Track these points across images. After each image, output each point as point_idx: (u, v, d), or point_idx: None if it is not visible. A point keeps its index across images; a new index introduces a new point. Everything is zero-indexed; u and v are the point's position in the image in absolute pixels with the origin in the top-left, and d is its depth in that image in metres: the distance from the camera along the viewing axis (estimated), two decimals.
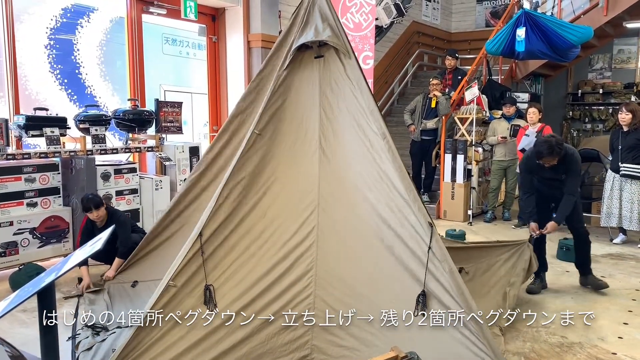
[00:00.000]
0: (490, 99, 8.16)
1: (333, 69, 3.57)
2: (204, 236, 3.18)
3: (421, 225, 3.11)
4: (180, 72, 7.81)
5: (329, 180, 3.49)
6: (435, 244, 3.05)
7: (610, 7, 8.14)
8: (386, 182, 3.28)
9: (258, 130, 3.45)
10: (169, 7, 6.98)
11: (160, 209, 5.92)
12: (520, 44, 7.40)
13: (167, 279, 3.05)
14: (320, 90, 3.57)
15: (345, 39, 3.56)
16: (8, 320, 3.98)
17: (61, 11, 6.11)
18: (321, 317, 3.27)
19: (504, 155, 7.34)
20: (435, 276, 3.04)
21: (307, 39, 3.48)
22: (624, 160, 5.89)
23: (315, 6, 3.60)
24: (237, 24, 7.59)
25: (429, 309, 3.02)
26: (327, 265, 3.38)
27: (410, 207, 3.16)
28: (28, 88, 5.83)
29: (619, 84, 10.70)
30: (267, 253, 3.34)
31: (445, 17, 12.69)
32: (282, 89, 3.55)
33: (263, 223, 3.39)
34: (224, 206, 3.30)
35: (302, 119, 3.57)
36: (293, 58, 3.54)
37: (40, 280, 2.38)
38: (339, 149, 3.51)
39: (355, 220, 3.40)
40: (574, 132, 11.14)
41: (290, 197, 3.48)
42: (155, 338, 2.93)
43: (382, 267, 3.26)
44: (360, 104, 3.43)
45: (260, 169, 3.45)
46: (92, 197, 4.71)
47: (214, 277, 3.18)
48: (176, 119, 6.44)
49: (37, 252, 5.09)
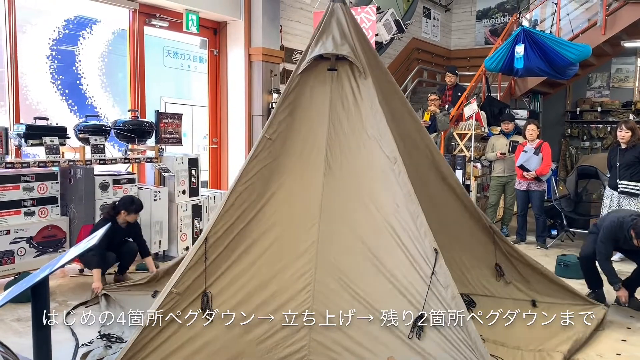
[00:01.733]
0: (489, 116, 8.20)
1: (345, 85, 3.57)
2: (209, 242, 3.16)
3: (425, 250, 3.07)
4: (181, 84, 7.85)
5: (333, 196, 3.48)
6: (439, 270, 2.99)
7: (608, 27, 8.22)
8: (392, 206, 3.25)
9: (269, 135, 3.45)
10: (171, 20, 7.04)
11: (159, 219, 5.92)
12: (519, 61, 7.47)
13: (171, 285, 3.04)
14: (330, 104, 3.57)
15: (363, 59, 3.54)
16: (2, 329, 3.97)
17: (64, 22, 6.16)
18: (319, 331, 3.25)
19: (502, 171, 7.35)
20: (437, 301, 2.98)
21: (326, 49, 3.47)
22: (622, 177, 5.90)
23: (333, 18, 3.60)
24: (238, 37, 7.65)
25: (426, 333, 2.96)
26: (325, 281, 3.36)
27: (417, 232, 3.12)
28: (29, 98, 5.85)
29: (617, 103, 10.76)
30: (266, 263, 3.32)
31: (444, 34, 12.80)
32: (293, 96, 3.55)
33: (265, 231, 3.38)
34: (231, 211, 3.29)
35: (310, 129, 3.57)
36: (308, 66, 3.52)
37: (34, 276, 2.37)
38: (346, 165, 3.50)
39: (356, 239, 3.38)
40: (573, 149, 11.17)
41: (293, 208, 3.47)
42: (155, 344, 2.92)
43: (379, 288, 3.22)
44: (372, 126, 3.41)
45: (268, 175, 3.44)
46: (140, 201, 5.15)
47: (214, 283, 3.16)
48: (176, 131, 6.45)
49: (33, 261, 5.06)
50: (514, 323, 3.87)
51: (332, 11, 3.62)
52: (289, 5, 8.16)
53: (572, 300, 4.25)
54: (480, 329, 3.72)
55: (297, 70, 3.59)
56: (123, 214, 4.95)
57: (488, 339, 3.62)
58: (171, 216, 6.05)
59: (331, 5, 3.64)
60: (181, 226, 6.10)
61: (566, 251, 6.44)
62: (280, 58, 7.88)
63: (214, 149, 7.93)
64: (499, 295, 4.18)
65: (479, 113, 7.75)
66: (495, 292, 4.21)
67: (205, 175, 7.53)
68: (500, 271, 4.24)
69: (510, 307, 4.03)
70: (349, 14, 3.66)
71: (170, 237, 6.07)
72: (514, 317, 3.92)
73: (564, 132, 11.27)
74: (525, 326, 3.85)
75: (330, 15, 3.61)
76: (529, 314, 3.96)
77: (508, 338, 3.69)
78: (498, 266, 4.25)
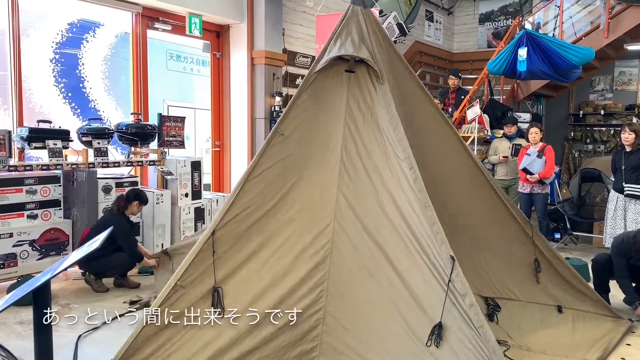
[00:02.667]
0: (492, 119, 8.19)
1: (363, 87, 3.54)
2: (216, 234, 3.15)
3: (442, 257, 3.00)
4: (183, 87, 7.86)
5: (348, 197, 3.45)
6: (456, 278, 2.93)
7: (611, 30, 8.21)
8: (408, 210, 3.20)
9: (281, 130, 3.42)
10: (174, 24, 7.05)
11: (161, 222, 5.92)
12: (522, 64, 7.46)
13: (177, 278, 3.02)
14: (346, 105, 3.55)
15: (381, 64, 3.50)
16: (5, 332, 3.97)
17: (67, 26, 6.18)
18: (330, 333, 3.23)
19: (505, 174, 7.33)
20: (455, 309, 2.92)
21: (346, 51, 3.44)
22: (627, 180, 5.87)
23: (353, 21, 3.57)
24: (241, 41, 7.66)
25: (445, 341, 2.90)
26: (339, 282, 3.34)
27: (433, 239, 3.05)
28: (32, 101, 5.86)
29: (620, 106, 10.74)
30: (279, 260, 3.29)
31: (447, 37, 12.80)
32: (308, 94, 3.52)
33: (278, 228, 3.35)
34: (239, 204, 3.26)
35: (325, 128, 3.55)
36: (325, 66, 3.49)
37: (36, 280, 2.37)
38: (361, 167, 3.47)
39: (370, 240, 3.34)
40: (576, 152, 11.15)
41: (307, 207, 3.44)
42: (161, 339, 2.90)
43: (394, 292, 3.18)
44: (389, 131, 3.37)
45: (281, 170, 3.41)
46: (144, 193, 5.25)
47: (223, 278, 3.14)
48: (179, 134, 6.46)
49: (36, 264, 5.06)
50: (540, 329, 3.88)
51: (352, 13, 3.59)
52: (291, 8, 8.17)
53: (598, 309, 4.20)
54: (505, 334, 3.73)
55: (314, 68, 3.55)
56: (136, 206, 5.06)
57: (514, 344, 3.61)
58: (174, 219, 6.05)
59: (351, 7, 3.61)
60: (184, 229, 6.10)
61: (570, 254, 6.41)
62: (283, 61, 7.88)
63: (217, 151, 7.94)
64: (525, 300, 4.12)
65: (481, 116, 7.73)
66: (521, 295, 4.13)
67: (207, 178, 7.54)
68: (538, 267, 4.14)
69: (536, 312, 4.06)
70: (369, 17, 3.63)
71: (173, 239, 6.06)
72: (539, 322, 3.95)
73: (567, 135, 11.25)
74: (551, 332, 3.86)
75: (350, 18, 3.58)
76: (554, 320, 4.00)
77: (533, 343, 3.68)
78: (537, 261, 4.14)
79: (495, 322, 3.84)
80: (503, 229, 4.15)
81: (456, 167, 4.01)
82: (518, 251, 4.17)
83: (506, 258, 4.15)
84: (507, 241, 4.16)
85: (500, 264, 4.12)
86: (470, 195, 4.06)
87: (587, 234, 7.35)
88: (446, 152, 3.97)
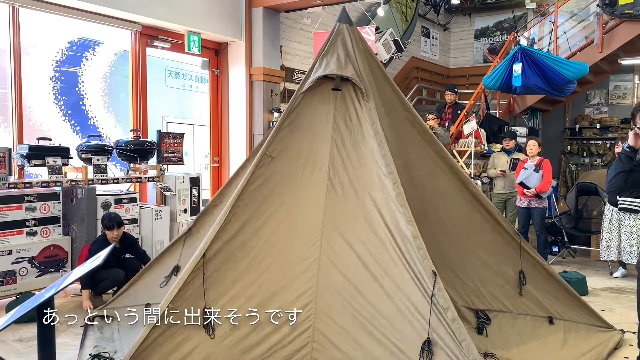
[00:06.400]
0: (489, 133, 8.25)
1: (349, 105, 3.60)
2: (206, 257, 3.17)
3: (425, 272, 3.04)
4: (182, 104, 7.92)
5: (335, 214, 3.48)
6: (438, 292, 2.97)
7: (605, 45, 8.30)
8: (391, 228, 3.24)
9: (269, 152, 3.47)
10: (173, 41, 7.14)
11: (160, 239, 5.93)
12: (517, 79, 7.54)
13: (168, 301, 3.03)
14: (334, 122, 3.60)
15: (366, 81, 3.56)
16: (3, 350, 3.96)
17: (67, 44, 6.25)
18: (320, 350, 3.24)
19: (503, 188, 7.37)
20: (440, 324, 2.95)
21: (331, 70, 3.50)
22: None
23: (339, 39, 3.63)
24: (239, 58, 7.74)
25: (436, 356, 2.91)
26: (327, 299, 3.35)
27: (417, 254, 3.09)
28: (32, 118, 5.91)
29: (616, 119, 10.83)
30: (267, 280, 3.32)
31: (443, 53, 12.93)
32: (296, 114, 3.58)
33: (265, 249, 3.38)
34: (229, 227, 3.29)
35: (312, 147, 3.59)
36: (312, 85, 3.55)
37: (40, 296, 2.38)
38: (348, 183, 3.51)
39: (358, 257, 3.37)
40: (572, 166, 11.21)
41: (294, 225, 3.47)
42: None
43: (382, 308, 3.19)
44: (374, 147, 3.42)
45: (268, 192, 3.45)
46: (116, 216, 5.00)
47: (213, 300, 3.15)
48: (177, 150, 6.50)
49: (35, 281, 5.07)
50: (529, 341, 3.85)
51: (338, 32, 3.66)
52: (289, 26, 8.27)
53: (589, 320, 4.15)
54: (493, 346, 3.71)
55: (300, 88, 3.62)
56: (108, 233, 4.92)
57: (502, 357, 3.59)
58: (172, 235, 6.06)
59: (337, 25, 3.68)
60: None
61: (567, 268, 6.42)
62: (281, 78, 7.96)
63: (215, 167, 7.98)
64: (515, 311, 4.09)
65: (478, 130, 7.79)
66: (512, 307, 4.10)
67: (206, 194, 7.56)
68: (523, 280, 4.11)
69: (527, 323, 4.03)
70: (355, 35, 3.69)
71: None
72: (529, 334, 3.91)
73: (563, 149, 11.32)
74: (541, 344, 3.82)
75: (336, 36, 3.64)
76: (545, 332, 3.95)
77: (522, 355, 3.66)
78: (522, 273, 4.11)
79: (484, 335, 3.84)
80: (492, 242, 4.15)
81: (444, 183, 4.03)
82: (508, 263, 4.17)
83: (497, 270, 4.14)
84: (497, 253, 4.16)
85: (491, 276, 4.11)
86: (458, 208, 4.06)
87: (585, 247, 7.37)
88: (431, 167, 4.00)
